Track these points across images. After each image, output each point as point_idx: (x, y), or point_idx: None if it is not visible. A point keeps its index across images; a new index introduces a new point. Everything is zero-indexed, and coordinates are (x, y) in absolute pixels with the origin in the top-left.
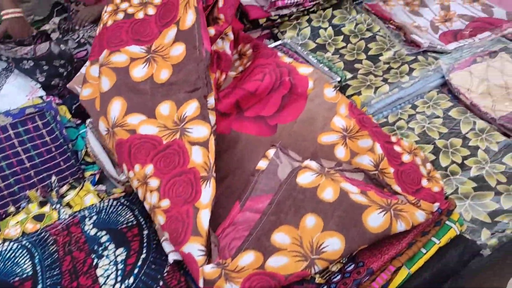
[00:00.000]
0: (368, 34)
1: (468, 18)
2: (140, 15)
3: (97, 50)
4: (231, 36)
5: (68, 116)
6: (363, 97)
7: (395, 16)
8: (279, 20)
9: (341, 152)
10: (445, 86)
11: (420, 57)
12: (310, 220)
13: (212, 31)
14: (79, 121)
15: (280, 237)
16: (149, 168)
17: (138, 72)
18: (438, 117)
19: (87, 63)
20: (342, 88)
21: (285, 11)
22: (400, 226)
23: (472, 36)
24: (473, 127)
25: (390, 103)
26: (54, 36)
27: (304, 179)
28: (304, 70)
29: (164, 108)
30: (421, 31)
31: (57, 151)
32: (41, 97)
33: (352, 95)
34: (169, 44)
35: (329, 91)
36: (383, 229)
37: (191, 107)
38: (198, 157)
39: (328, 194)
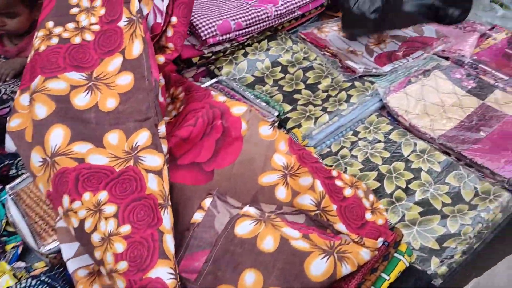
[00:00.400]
0: (306, 63)
1: (400, 39)
2: (76, 40)
3: (29, 78)
4: (162, 81)
5: None
6: (303, 129)
7: (330, 42)
8: (213, 57)
9: (282, 193)
10: (384, 109)
11: (356, 83)
12: (250, 277)
13: (161, 59)
14: (0, 187)
15: None
16: (103, 195)
17: (81, 100)
18: (379, 141)
19: (17, 92)
20: (282, 121)
21: (219, 48)
22: (345, 269)
23: (405, 56)
24: (414, 149)
25: (331, 132)
26: None
27: (243, 229)
28: (237, 110)
29: (113, 137)
30: (357, 55)
31: None
32: None
33: (293, 127)
34: (114, 73)
35: (265, 129)
36: (327, 275)
37: (142, 137)
38: (154, 185)
39: (268, 243)
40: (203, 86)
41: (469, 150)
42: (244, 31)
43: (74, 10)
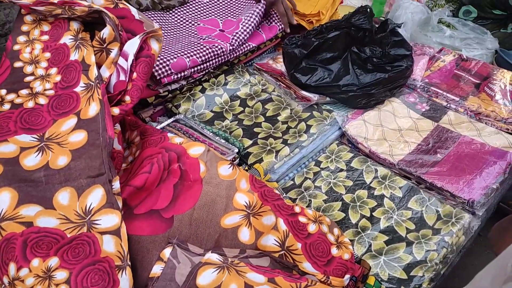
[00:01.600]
0: (264, 95)
1: None
2: (29, 104)
3: None
4: (118, 128)
5: None
6: (265, 164)
7: (285, 72)
8: (170, 95)
9: (245, 235)
10: (344, 137)
11: (315, 112)
12: None
13: (116, 110)
14: None
15: None
16: (54, 261)
17: (30, 161)
18: (341, 170)
19: None
20: (243, 157)
21: (174, 86)
22: None
23: None
24: (375, 175)
25: (293, 164)
26: None
27: (205, 278)
28: (195, 151)
29: (63, 197)
30: None
31: None
32: None
33: (254, 163)
34: (67, 132)
35: (225, 168)
36: None
37: (96, 195)
38: (110, 246)
39: None
40: (160, 126)
41: (428, 174)
42: (199, 67)
43: (28, 78)
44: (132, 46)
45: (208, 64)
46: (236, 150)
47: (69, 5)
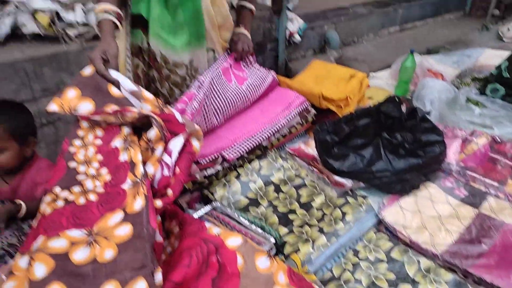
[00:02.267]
0: (298, 181)
1: None
2: (81, 201)
3: (31, 241)
4: (159, 219)
5: None
6: (302, 255)
7: (317, 157)
8: (207, 181)
9: None
10: (381, 223)
11: (350, 199)
12: None
13: (159, 203)
14: None
15: None
16: None
17: (80, 255)
18: (382, 261)
19: (17, 255)
20: (279, 246)
21: (211, 171)
22: None
23: None
24: (418, 267)
25: (331, 254)
26: None
27: None
28: (232, 242)
29: None
30: None
31: None
32: None
33: (291, 253)
34: (114, 226)
35: (262, 261)
36: None
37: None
38: None
39: None
40: (198, 214)
41: (475, 266)
42: (235, 150)
43: (80, 177)
44: (176, 144)
45: (242, 147)
46: (273, 240)
47: (121, 113)
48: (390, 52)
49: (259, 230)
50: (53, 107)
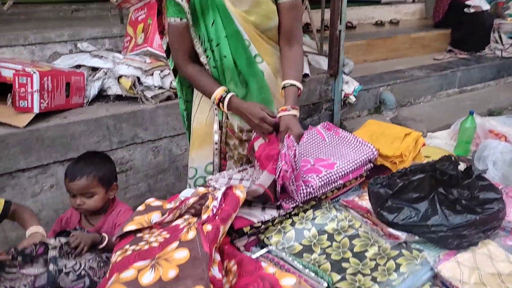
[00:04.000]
0: (351, 231)
1: None
2: (145, 247)
3: (103, 285)
4: (218, 258)
5: None
6: None
7: (371, 210)
8: (263, 226)
9: None
10: (437, 278)
11: (404, 251)
12: None
13: (209, 226)
14: None
15: None
16: None
17: (147, 278)
18: None
19: None
20: None
21: (267, 217)
22: None
23: None
24: None
25: None
26: (52, 253)
27: None
28: (286, 282)
29: None
30: None
31: None
32: None
33: None
34: (172, 250)
35: None
36: None
37: None
38: None
39: None
40: (254, 255)
41: None
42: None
43: (146, 237)
44: (220, 192)
45: (298, 198)
46: (325, 284)
47: (184, 202)
48: (449, 113)
49: (312, 274)
50: (131, 227)
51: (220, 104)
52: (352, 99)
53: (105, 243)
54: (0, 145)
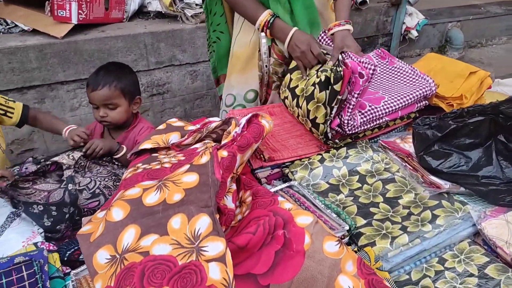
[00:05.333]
0: (386, 175)
1: None
2: (157, 167)
3: (111, 200)
4: (234, 187)
5: (58, 265)
6: (377, 249)
7: (413, 154)
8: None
9: None
10: (479, 236)
11: (444, 202)
12: None
13: (224, 152)
14: (68, 270)
15: None
16: None
17: (151, 199)
18: (472, 275)
19: (98, 210)
20: (354, 237)
21: None
22: None
23: None
24: None
25: (411, 256)
26: (67, 173)
27: None
28: (302, 220)
29: (176, 222)
30: None
31: None
32: (35, 243)
33: (365, 245)
34: (182, 173)
35: (331, 245)
36: None
37: (204, 222)
38: (216, 274)
39: None
40: (274, 189)
41: None
42: None
43: (160, 157)
44: (245, 118)
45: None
46: (347, 227)
47: (206, 126)
48: None
49: (334, 215)
50: (146, 145)
51: (266, 30)
52: (414, 34)
53: (122, 153)
54: (39, 54)
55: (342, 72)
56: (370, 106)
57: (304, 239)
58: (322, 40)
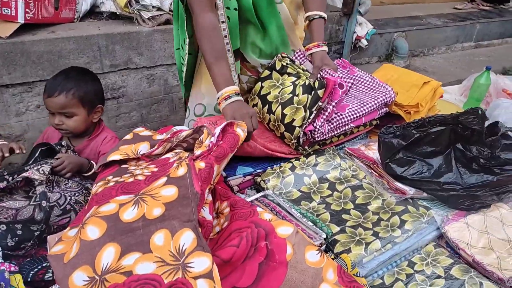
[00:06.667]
0: (354, 181)
1: None
2: (130, 180)
3: (81, 217)
4: (210, 198)
5: (22, 287)
6: (353, 256)
7: (378, 161)
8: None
9: None
10: (443, 238)
11: (410, 208)
12: None
13: (202, 164)
14: None
15: None
16: None
17: (129, 214)
18: (439, 277)
19: (67, 228)
20: (329, 244)
21: None
22: None
23: None
24: None
25: (384, 261)
26: (40, 189)
27: None
28: (283, 230)
29: (159, 238)
30: None
31: None
32: None
33: (341, 252)
34: (159, 186)
35: (312, 254)
36: None
37: (188, 237)
38: None
39: None
40: (250, 199)
41: None
42: None
43: (131, 169)
44: (219, 128)
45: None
46: (324, 235)
47: (176, 134)
48: (462, 67)
49: (310, 224)
50: (115, 157)
51: (222, 102)
52: (364, 42)
53: (92, 171)
54: None
55: (325, 81)
56: (336, 113)
57: (286, 249)
58: (298, 57)
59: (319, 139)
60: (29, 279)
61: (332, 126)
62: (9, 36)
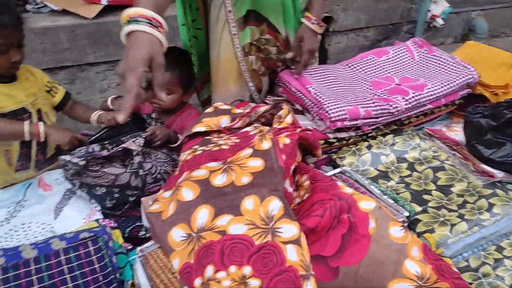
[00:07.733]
0: (435, 162)
1: None
2: (215, 149)
3: (173, 180)
4: (291, 171)
5: (121, 241)
6: (437, 236)
7: (461, 143)
8: (337, 144)
9: None
10: None
11: (499, 191)
12: None
13: (287, 140)
14: (130, 246)
15: None
16: (247, 269)
17: (219, 180)
18: None
19: (161, 190)
20: (411, 223)
21: (343, 134)
22: None
23: None
24: None
25: (470, 243)
26: (137, 159)
27: None
28: (366, 205)
29: (249, 203)
30: None
31: (104, 280)
32: (97, 220)
33: (424, 232)
34: (246, 157)
35: (396, 230)
36: None
37: (276, 205)
38: (294, 255)
39: None
40: (329, 173)
41: None
42: (371, 120)
43: (214, 140)
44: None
45: (380, 119)
46: (406, 214)
47: (255, 110)
48: None
49: (391, 201)
50: (200, 128)
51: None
52: (440, 22)
53: (179, 141)
54: (69, 35)
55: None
56: (413, 92)
57: (368, 223)
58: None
59: (393, 118)
60: (125, 235)
61: (409, 105)
62: (94, 17)
